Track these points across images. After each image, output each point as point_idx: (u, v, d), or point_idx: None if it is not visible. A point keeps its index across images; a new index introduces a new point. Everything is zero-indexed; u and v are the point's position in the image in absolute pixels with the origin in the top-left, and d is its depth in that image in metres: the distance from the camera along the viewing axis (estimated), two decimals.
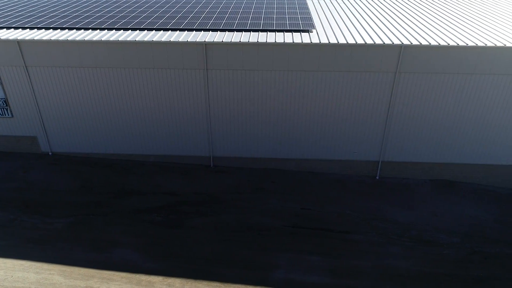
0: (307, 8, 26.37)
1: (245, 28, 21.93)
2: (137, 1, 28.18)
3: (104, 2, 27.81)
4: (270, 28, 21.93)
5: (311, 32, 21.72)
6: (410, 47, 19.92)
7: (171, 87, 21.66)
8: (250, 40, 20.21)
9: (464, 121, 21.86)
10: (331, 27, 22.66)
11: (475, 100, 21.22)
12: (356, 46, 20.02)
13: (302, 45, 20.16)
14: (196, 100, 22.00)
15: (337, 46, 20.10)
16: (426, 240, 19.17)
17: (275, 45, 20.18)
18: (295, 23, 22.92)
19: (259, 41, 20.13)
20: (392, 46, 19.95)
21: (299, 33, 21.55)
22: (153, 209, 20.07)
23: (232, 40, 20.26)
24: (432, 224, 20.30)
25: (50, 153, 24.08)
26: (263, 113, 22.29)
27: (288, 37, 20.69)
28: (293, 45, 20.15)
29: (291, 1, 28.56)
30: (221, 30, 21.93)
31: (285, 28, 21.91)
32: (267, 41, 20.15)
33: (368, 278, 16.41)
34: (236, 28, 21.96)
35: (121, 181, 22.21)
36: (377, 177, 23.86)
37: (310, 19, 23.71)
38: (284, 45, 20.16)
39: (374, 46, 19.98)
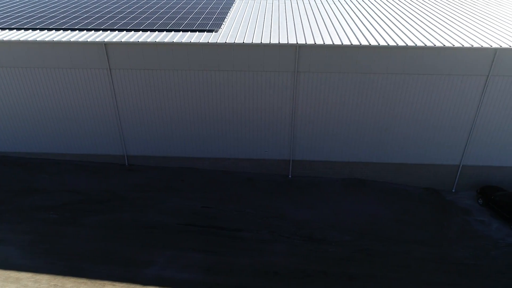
0: (229, 8, 26.56)
1: (151, 28, 22.11)
2: (64, 2, 28.40)
3: (24, 4, 28.04)
4: (176, 28, 22.11)
5: (216, 31, 21.90)
6: (305, 46, 20.10)
7: (78, 86, 21.83)
8: (149, 40, 20.40)
9: (367, 120, 22.01)
10: (240, 27, 22.80)
11: (375, 100, 21.37)
12: (251, 45, 20.20)
13: (199, 45, 20.35)
14: (103, 99, 22.18)
15: (234, 45, 20.29)
16: (316, 238, 19.30)
17: (173, 44, 20.37)
18: (204, 23, 23.11)
19: (157, 41, 20.32)
20: (287, 46, 20.12)
21: (204, 32, 21.74)
22: (51, 207, 20.21)
23: (132, 40, 20.45)
24: (329, 223, 20.44)
25: None
26: (171, 112, 22.46)
27: (191, 37, 20.88)
28: (190, 44, 20.34)
29: (219, 1, 28.74)
30: (128, 30, 22.12)
31: (191, 28, 22.09)
32: (165, 40, 20.34)
33: (241, 275, 16.53)
34: (143, 28, 22.14)
35: (29, 180, 22.37)
36: (290, 176, 24.02)
37: (223, 19, 23.90)
38: (181, 44, 20.35)
39: (269, 45, 20.15)
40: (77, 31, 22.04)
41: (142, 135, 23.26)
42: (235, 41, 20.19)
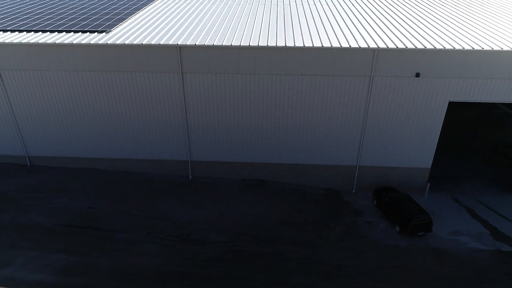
0: (140, 9, 26.57)
1: (44, 29, 22.09)
2: None
3: None
4: (69, 29, 22.10)
5: (108, 32, 21.87)
6: (186, 47, 20.07)
7: None
8: (32, 41, 20.35)
9: (261, 120, 21.96)
10: (137, 28, 22.68)
11: (262, 100, 21.31)
12: (134, 46, 20.17)
13: (83, 46, 20.32)
14: None
15: (118, 46, 20.25)
16: (192, 239, 19.25)
17: (57, 45, 20.34)
18: (101, 23, 23.10)
19: (40, 42, 20.30)
20: (169, 46, 20.08)
21: (95, 33, 21.73)
22: None
23: (16, 41, 20.42)
24: (211, 223, 20.37)
25: None
26: (66, 113, 22.43)
27: (78, 38, 20.85)
28: (73, 45, 20.31)
29: (132, 2, 28.72)
30: (21, 31, 22.10)
31: (83, 29, 22.08)
32: (48, 41, 20.32)
33: (96, 277, 16.49)
34: (36, 29, 22.09)
35: None
36: (190, 177, 23.98)
37: (124, 19, 23.91)
38: (65, 45, 20.32)
39: (152, 46, 20.11)
40: None
41: (42, 136, 23.26)
42: (117, 42, 20.17)
